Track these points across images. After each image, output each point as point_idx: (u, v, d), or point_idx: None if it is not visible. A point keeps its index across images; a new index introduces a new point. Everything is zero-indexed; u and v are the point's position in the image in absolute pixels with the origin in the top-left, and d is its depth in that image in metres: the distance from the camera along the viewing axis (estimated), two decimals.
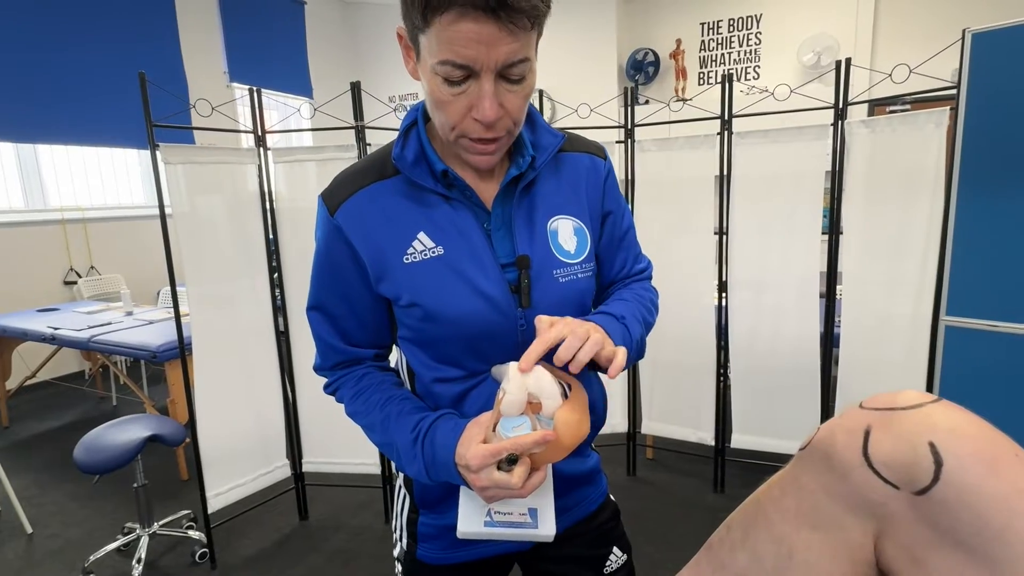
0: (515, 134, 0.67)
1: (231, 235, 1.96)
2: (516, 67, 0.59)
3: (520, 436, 0.59)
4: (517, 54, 0.58)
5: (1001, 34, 1.47)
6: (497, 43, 0.56)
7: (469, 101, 0.60)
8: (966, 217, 1.57)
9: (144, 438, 1.86)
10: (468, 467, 0.61)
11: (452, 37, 0.56)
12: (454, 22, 0.55)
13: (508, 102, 0.61)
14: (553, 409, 0.61)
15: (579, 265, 0.74)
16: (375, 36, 6.13)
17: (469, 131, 0.63)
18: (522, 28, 0.57)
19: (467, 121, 0.62)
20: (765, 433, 2.21)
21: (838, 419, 0.51)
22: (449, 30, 0.55)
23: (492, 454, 0.60)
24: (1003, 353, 1.54)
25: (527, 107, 0.66)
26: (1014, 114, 1.46)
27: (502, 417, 0.61)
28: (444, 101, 0.61)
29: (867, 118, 1.90)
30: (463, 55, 0.56)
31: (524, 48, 0.58)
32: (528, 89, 0.63)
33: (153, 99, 1.73)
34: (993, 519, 0.42)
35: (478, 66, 0.57)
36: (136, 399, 3.47)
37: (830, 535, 0.50)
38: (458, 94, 0.60)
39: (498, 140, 0.64)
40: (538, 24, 0.59)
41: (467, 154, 0.66)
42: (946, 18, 4.17)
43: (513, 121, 0.64)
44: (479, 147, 0.64)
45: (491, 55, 0.56)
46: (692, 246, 2.22)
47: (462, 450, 0.62)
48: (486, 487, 0.61)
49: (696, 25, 4.94)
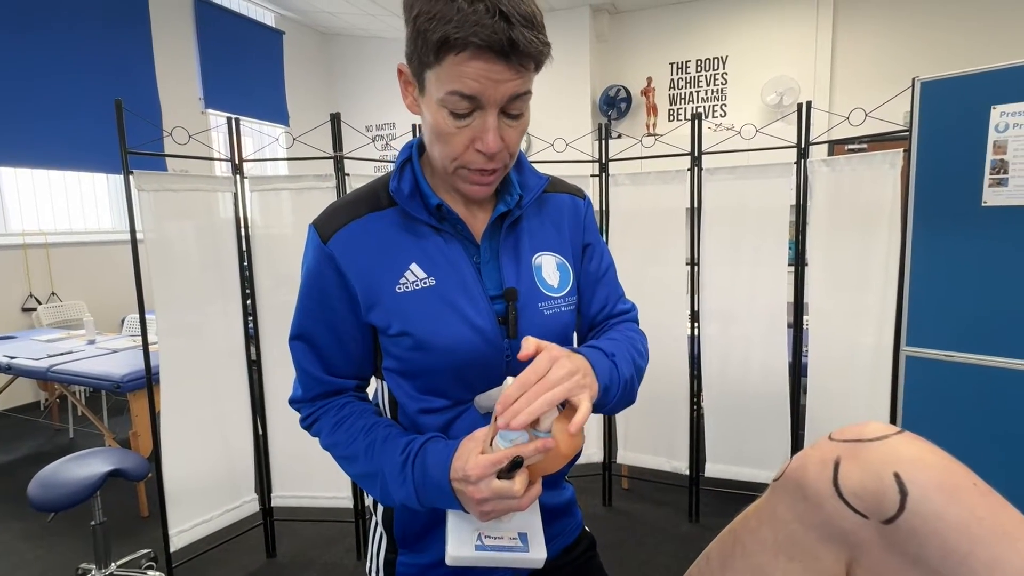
0: (509, 167, 0.71)
1: (204, 262, 1.93)
2: (517, 101, 0.63)
3: (520, 444, 0.60)
4: (519, 89, 0.62)
5: (948, 83, 1.58)
6: (505, 81, 0.61)
7: (472, 134, 0.64)
8: (921, 252, 1.65)
9: (105, 473, 1.78)
10: (467, 478, 0.60)
11: (463, 72, 0.60)
12: (467, 60, 0.59)
13: (507, 136, 0.65)
14: (550, 422, 0.62)
15: (563, 299, 0.76)
16: (352, 66, 6.20)
17: (471, 163, 0.66)
18: (528, 69, 0.61)
19: (469, 153, 0.65)
20: (738, 462, 2.24)
21: (810, 450, 0.53)
22: (461, 66, 0.59)
23: (493, 463, 0.60)
24: (960, 382, 1.61)
25: (520, 143, 0.70)
26: (961, 156, 1.56)
27: (500, 431, 0.62)
28: (448, 133, 0.64)
29: (827, 157, 2.00)
30: (472, 88, 0.60)
31: (524, 85, 0.63)
32: (524, 124, 0.67)
33: (127, 125, 1.71)
34: (957, 546, 0.44)
35: (484, 99, 0.61)
36: (95, 431, 3.32)
37: (806, 564, 0.52)
38: (462, 127, 0.64)
39: (495, 172, 0.68)
40: (539, 64, 0.63)
41: (465, 184, 0.69)
42: (898, 63, 4.44)
43: (510, 154, 0.68)
44: (477, 178, 0.68)
45: (498, 91, 0.61)
46: (665, 277, 2.27)
47: (459, 463, 0.62)
48: (486, 499, 0.60)
49: (666, 64, 5.15)
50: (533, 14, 0.60)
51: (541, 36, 0.60)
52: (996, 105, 1.49)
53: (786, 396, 2.14)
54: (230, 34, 5.12)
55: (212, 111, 4.92)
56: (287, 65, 5.71)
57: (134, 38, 4.42)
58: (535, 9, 0.60)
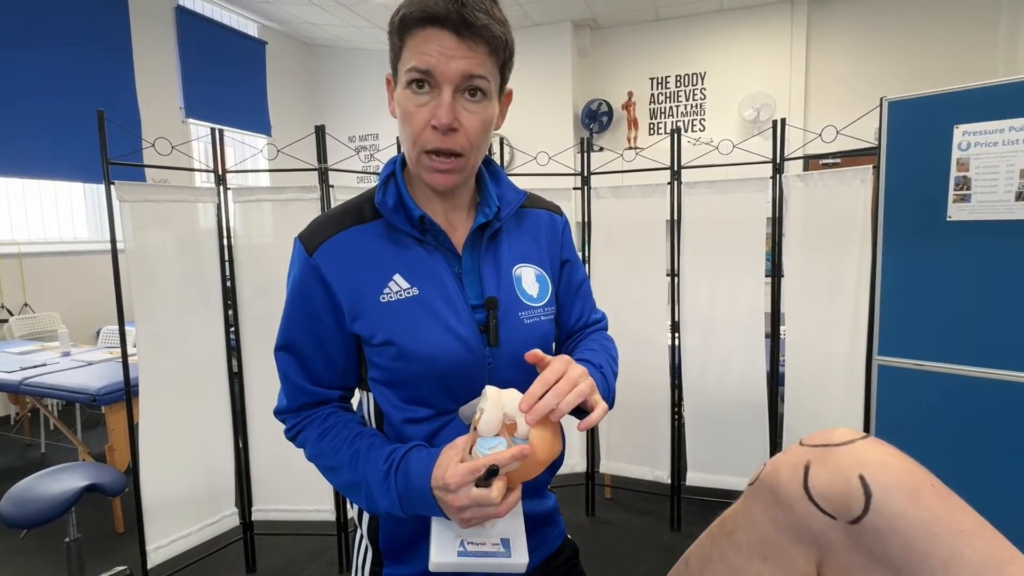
0: (471, 160, 0.72)
1: (185, 273, 1.92)
2: (473, 81, 0.66)
3: (499, 452, 0.61)
4: (474, 69, 0.66)
5: (914, 103, 1.65)
6: (456, 55, 0.65)
7: (430, 112, 0.67)
8: (891, 265, 1.71)
9: (81, 488, 1.74)
10: (447, 487, 0.62)
11: (418, 45, 0.65)
12: (420, 31, 0.65)
13: (465, 120, 0.68)
14: (527, 429, 0.63)
15: (542, 308, 0.79)
16: (335, 78, 6.21)
17: (428, 142, 0.68)
18: (479, 48, 0.65)
19: (427, 132, 0.68)
20: (718, 470, 2.27)
21: (782, 455, 0.56)
22: (416, 39, 0.66)
23: (471, 471, 0.61)
24: (929, 390, 1.66)
25: (486, 136, 0.72)
26: (927, 173, 1.63)
27: (479, 438, 0.63)
28: (410, 112, 0.68)
29: (802, 172, 2.06)
30: (425, 61, 0.65)
31: (480, 67, 0.66)
32: (487, 115, 0.69)
33: (108, 134, 1.70)
34: (917, 544, 0.46)
35: (437, 73, 0.65)
36: (68, 446, 3.24)
37: (778, 565, 0.54)
38: (421, 105, 0.67)
39: (455, 157, 0.69)
40: (496, 52, 0.67)
41: (427, 173, 0.71)
42: (869, 82, 4.59)
43: (469, 141, 0.69)
44: (436, 163, 0.69)
45: (450, 66, 0.65)
46: (646, 287, 2.31)
47: (439, 472, 0.64)
48: (465, 506, 0.62)
49: (646, 79, 5.25)
50: (491, 9, 0.66)
51: (497, 26, 0.66)
52: (959, 124, 1.56)
53: (764, 404, 2.18)
54: (212, 44, 5.09)
55: (193, 121, 4.88)
56: (269, 76, 5.69)
57: (114, 47, 4.37)
58: (497, 9, 0.67)
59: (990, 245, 1.55)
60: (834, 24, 4.71)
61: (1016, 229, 1.51)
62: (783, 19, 4.77)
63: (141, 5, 4.52)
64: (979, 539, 0.46)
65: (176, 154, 1.94)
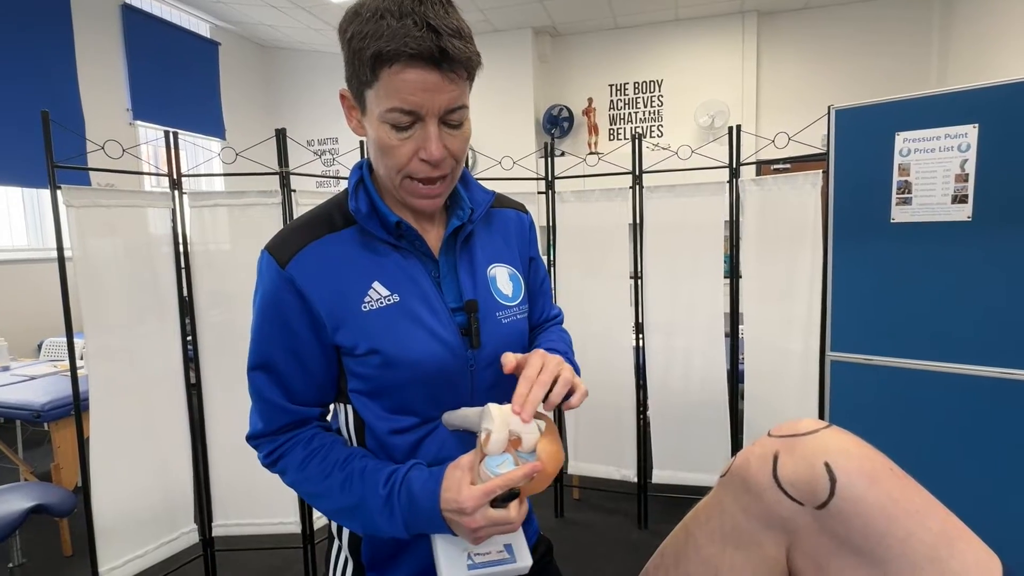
0: (455, 177, 0.72)
1: (137, 281, 1.84)
2: (455, 113, 0.66)
3: (511, 472, 0.62)
4: (456, 101, 0.65)
5: (859, 111, 1.74)
6: (439, 90, 0.63)
7: (416, 145, 0.66)
8: (841, 265, 1.80)
9: (26, 509, 1.65)
10: (462, 510, 0.62)
11: (399, 86, 0.62)
12: (401, 72, 0.62)
13: (450, 144, 0.68)
14: (533, 443, 0.64)
15: (517, 307, 0.80)
16: (292, 80, 6.08)
17: (416, 172, 0.68)
18: (460, 77, 0.64)
19: (414, 163, 0.67)
20: (683, 467, 2.33)
21: (752, 447, 0.58)
22: (396, 79, 0.62)
23: (486, 494, 0.61)
24: (879, 383, 1.75)
25: (467, 150, 0.73)
26: (872, 177, 1.72)
27: (486, 457, 0.63)
28: (392, 146, 0.66)
29: (756, 177, 2.14)
30: (410, 101, 0.63)
31: (462, 96, 0.66)
32: (466, 134, 0.70)
33: (52, 136, 1.63)
34: (877, 524, 0.49)
35: (423, 111, 0.64)
36: (8, 466, 3.06)
37: (750, 552, 0.56)
38: (405, 139, 0.66)
39: (443, 179, 0.70)
40: (472, 75, 0.67)
41: (412, 198, 0.71)
42: (817, 91, 4.81)
43: (455, 161, 0.70)
44: (424, 189, 0.69)
45: (435, 100, 0.63)
46: (610, 290, 2.35)
47: (451, 495, 0.63)
48: (481, 527, 0.62)
49: (605, 86, 5.35)
50: (460, 27, 0.64)
51: (471, 46, 0.65)
52: (900, 132, 1.66)
53: (726, 402, 2.25)
54: (161, 43, 4.90)
55: (141, 123, 4.69)
56: (223, 77, 5.53)
57: (54, 45, 4.16)
58: (462, 23, 0.65)
59: (931, 245, 1.64)
60: (782, 36, 4.92)
61: (953, 230, 1.61)
62: (735, 30, 4.94)
63: (84, 2, 4.33)
64: (932, 518, 0.50)
65: (126, 157, 1.87)
